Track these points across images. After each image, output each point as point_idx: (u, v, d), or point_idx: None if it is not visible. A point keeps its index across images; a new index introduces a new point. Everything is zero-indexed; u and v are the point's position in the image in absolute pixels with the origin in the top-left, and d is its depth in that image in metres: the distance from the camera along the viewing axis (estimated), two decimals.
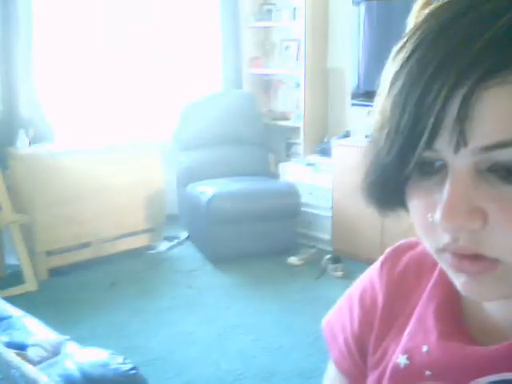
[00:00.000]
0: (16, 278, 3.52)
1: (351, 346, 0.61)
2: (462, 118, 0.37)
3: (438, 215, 0.40)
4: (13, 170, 3.62)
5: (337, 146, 3.97)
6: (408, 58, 0.40)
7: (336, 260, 3.79)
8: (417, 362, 0.50)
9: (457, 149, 0.38)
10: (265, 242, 4.00)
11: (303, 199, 4.11)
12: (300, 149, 4.62)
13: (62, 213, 3.68)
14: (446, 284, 0.51)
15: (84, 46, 4.20)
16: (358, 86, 4.05)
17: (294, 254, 3.92)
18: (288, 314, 3.22)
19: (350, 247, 3.97)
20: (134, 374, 1.75)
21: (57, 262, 3.75)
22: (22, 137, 3.68)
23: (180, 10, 4.62)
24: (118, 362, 1.76)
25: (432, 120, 0.38)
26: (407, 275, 0.58)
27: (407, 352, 0.52)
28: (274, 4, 4.81)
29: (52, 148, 3.75)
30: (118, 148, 3.97)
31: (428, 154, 0.40)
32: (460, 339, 0.49)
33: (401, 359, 0.52)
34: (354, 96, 4.09)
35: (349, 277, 3.68)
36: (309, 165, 4.30)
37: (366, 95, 4.02)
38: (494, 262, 0.40)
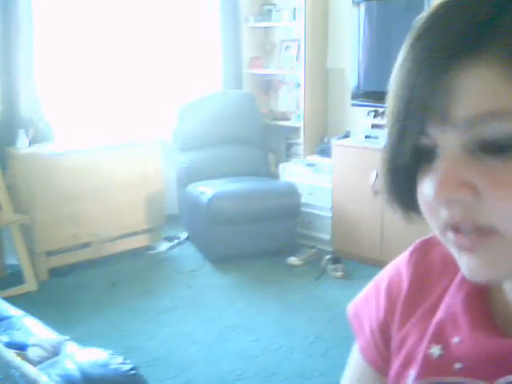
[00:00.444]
0: (16, 278, 3.52)
1: (376, 335, 0.62)
2: (445, 98, 0.41)
3: (431, 191, 0.44)
4: (13, 170, 3.62)
5: (337, 146, 3.97)
6: (403, 56, 0.45)
7: (336, 260, 3.79)
8: (448, 354, 0.51)
9: (443, 127, 0.42)
10: (265, 242, 4.00)
11: (303, 199, 4.11)
12: (300, 149, 4.62)
13: (62, 213, 3.68)
14: None
15: (84, 45, 4.20)
16: (358, 86, 4.05)
17: (293, 254, 3.92)
18: (288, 314, 3.22)
19: (350, 247, 3.97)
20: (133, 374, 1.75)
21: (57, 262, 3.75)
22: (22, 137, 3.68)
23: (180, 10, 4.62)
24: (118, 362, 1.76)
25: (420, 104, 0.42)
26: (433, 268, 0.60)
27: (440, 342, 0.52)
28: (274, 4, 4.81)
29: (52, 148, 3.76)
30: (118, 148, 3.97)
31: (424, 141, 0.44)
32: (490, 331, 0.49)
33: (434, 349, 0.52)
34: (354, 96, 4.09)
35: (349, 277, 3.68)
36: (309, 165, 4.30)
37: (366, 95, 4.02)
38: (491, 231, 0.43)
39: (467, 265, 0.45)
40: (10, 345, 1.77)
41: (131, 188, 3.99)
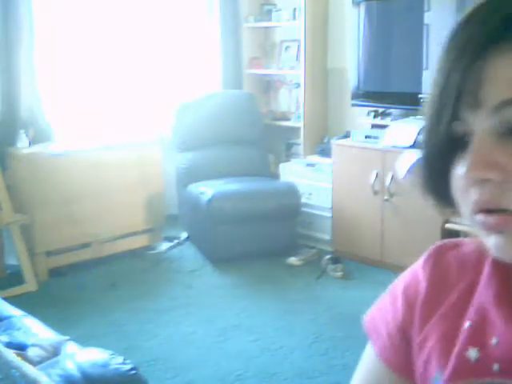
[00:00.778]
0: (16, 278, 3.52)
1: (395, 337, 0.62)
2: (477, 85, 0.45)
3: (463, 171, 0.47)
4: (13, 170, 3.62)
5: (337, 146, 3.97)
6: (444, 48, 0.49)
7: (336, 260, 3.79)
8: (486, 356, 0.51)
9: (474, 111, 0.46)
10: (265, 242, 4.00)
11: (303, 199, 4.11)
12: (300, 149, 4.62)
13: (62, 213, 3.68)
14: (501, 274, 0.54)
15: (84, 45, 4.20)
16: (358, 86, 4.05)
17: (293, 255, 3.92)
18: (288, 315, 3.22)
19: (350, 247, 3.97)
20: (133, 374, 1.75)
21: (57, 262, 3.75)
22: (22, 137, 3.68)
23: (180, 10, 4.63)
24: (118, 363, 1.76)
25: (454, 90, 0.46)
26: (450, 270, 0.61)
27: (477, 344, 0.52)
28: (274, 4, 4.81)
29: (52, 148, 3.76)
30: (118, 148, 3.97)
31: (457, 127, 0.47)
32: None
33: (471, 352, 0.52)
34: (354, 96, 4.09)
35: (349, 277, 3.68)
36: (309, 165, 4.30)
37: (366, 95, 4.02)
38: None
39: (495, 244, 0.47)
40: (9, 345, 1.77)
41: (131, 188, 3.99)
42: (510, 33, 0.44)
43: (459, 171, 0.48)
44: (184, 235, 4.39)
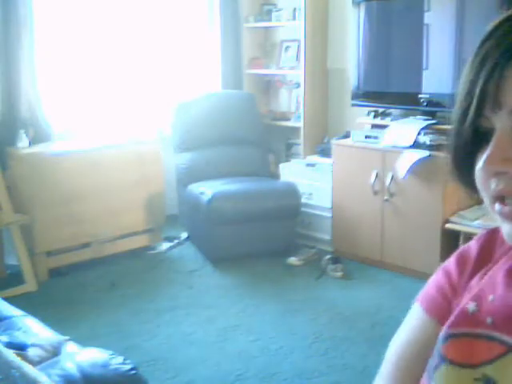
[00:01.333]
0: (16, 278, 3.52)
1: (447, 293, 0.67)
2: (499, 88, 0.51)
3: (481, 163, 0.53)
4: (13, 170, 3.62)
5: (337, 146, 3.97)
6: (474, 53, 0.55)
7: (336, 260, 3.79)
8: (482, 310, 0.58)
9: (496, 112, 0.52)
10: (265, 242, 4.00)
11: (303, 199, 4.11)
12: (300, 149, 4.62)
13: (62, 213, 3.68)
14: None
15: (84, 45, 4.20)
16: (358, 86, 4.05)
17: (293, 255, 3.92)
18: (288, 315, 3.22)
19: (350, 247, 3.97)
20: (133, 374, 1.75)
21: (57, 262, 3.76)
22: (22, 137, 3.68)
23: (180, 10, 4.63)
24: (118, 363, 1.76)
25: (478, 92, 0.53)
26: (495, 246, 0.67)
27: (477, 300, 0.60)
28: (274, 4, 4.81)
29: (52, 148, 3.76)
30: (118, 148, 3.97)
31: (482, 123, 0.54)
32: None
33: (470, 305, 0.60)
34: (354, 96, 4.09)
35: (349, 277, 3.68)
36: (309, 165, 4.30)
37: (365, 95, 4.02)
38: None
39: (508, 231, 0.54)
40: (9, 345, 1.77)
41: (131, 188, 3.99)
42: None
43: (480, 164, 0.53)
44: (184, 235, 4.39)
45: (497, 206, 0.54)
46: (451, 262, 0.70)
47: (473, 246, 0.70)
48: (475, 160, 0.55)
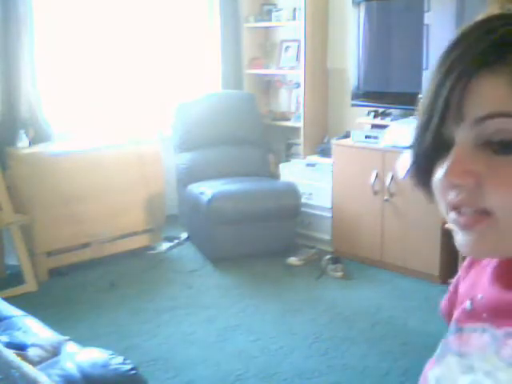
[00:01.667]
0: (16, 278, 3.52)
1: (453, 296, 0.71)
2: (463, 99, 0.51)
3: (441, 174, 0.53)
4: (13, 170, 3.62)
5: (337, 146, 3.97)
6: (438, 61, 0.55)
7: (336, 260, 3.79)
8: (476, 307, 0.62)
9: (459, 122, 0.51)
10: (265, 242, 4.00)
11: (303, 199, 4.11)
12: (300, 149, 4.62)
13: (62, 213, 3.68)
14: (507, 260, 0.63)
15: (84, 46, 4.20)
16: (358, 86, 4.05)
17: (293, 255, 3.92)
18: (288, 315, 3.22)
19: (350, 247, 3.97)
20: (133, 374, 1.76)
21: (57, 262, 3.75)
22: (22, 137, 3.68)
23: (180, 10, 4.63)
24: (118, 363, 1.76)
25: (442, 102, 0.52)
26: None
27: (471, 299, 0.63)
28: (274, 4, 4.81)
29: (52, 148, 3.76)
30: (118, 148, 3.97)
31: (444, 133, 0.53)
32: (504, 288, 0.59)
33: (467, 304, 0.63)
34: (354, 96, 4.09)
35: (349, 277, 3.68)
36: (309, 165, 4.30)
37: (365, 95, 4.02)
38: (488, 215, 0.51)
39: (463, 240, 0.54)
40: (9, 345, 1.77)
41: (131, 188, 3.99)
42: (495, 58, 0.50)
43: (439, 173, 0.54)
44: (184, 235, 4.39)
45: (452, 214, 0.54)
46: (466, 261, 0.72)
47: None
48: (435, 167, 0.55)
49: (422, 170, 0.57)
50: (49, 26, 4.00)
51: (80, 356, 1.78)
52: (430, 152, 0.55)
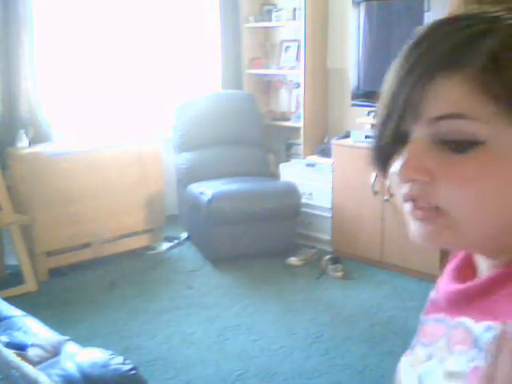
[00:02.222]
0: (16, 278, 3.52)
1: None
2: (422, 99, 0.53)
3: (397, 168, 0.55)
4: (13, 170, 3.62)
5: (337, 146, 3.97)
6: (399, 60, 0.57)
7: (336, 260, 3.79)
8: (438, 298, 0.65)
9: (415, 121, 0.54)
10: (265, 243, 4.00)
11: (303, 199, 4.11)
12: (300, 149, 4.62)
13: (62, 213, 3.68)
14: (465, 256, 0.66)
15: (84, 46, 4.20)
16: (358, 86, 4.05)
17: (293, 255, 3.92)
18: (288, 315, 3.22)
19: (350, 247, 3.97)
20: (133, 374, 1.76)
21: (57, 262, 3.75)
22: (22, 137, 3.68)
23: (180, 10, 4.63)
24: (118, 363, 1.76)
25: (403, 99, 0.54)
26: None
27: (435, 289, 0.68)
28: (274, 4, 4.81)
29: (52, 148, 3.76)
30: (118, 148, 3.97)
31: (402, 128, 0.55)
32: (456, 280, 0.62)
33: (432, 295, 0.68)
34: (354, 96, 4.09)
35: (349, 277, 3.68)
36: (309, 165, 4.30)
37: (366, 95, 4.02)
38: (440, 209, 0.54)
39: (416, 231, 0.57)
40: (9, 345, 1.77)
41: (131, 188, 3.99)
42: (452, 60, 0.52)
43: (395, 167, 0.56)
44: (184, 235, 4.39)
45: (407, 205, 0.57)
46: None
47: None
48: (392, 159, 0.58)
49: (381, 161, 0.60)
50: (49, 26, 3.99)
51: (80, 356, 1.78)
52: (388, 146, 0.57)
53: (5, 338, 1.89)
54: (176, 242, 4.31)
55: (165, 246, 4.23)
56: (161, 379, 2.60)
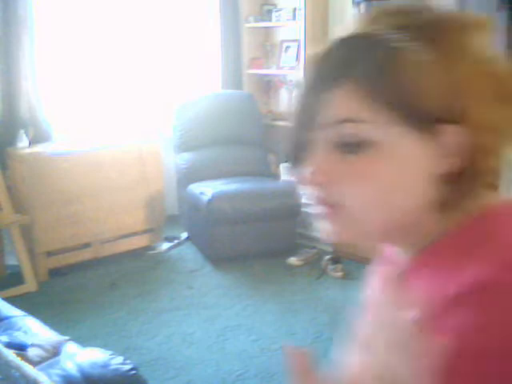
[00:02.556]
0: (16, 278, 3.52)
1: None
2: (318, 109, 0.61)
3: (301, 173, 0.63)
4: (13, 170, 3.61)
5: None
6: (304, 78, 0.65)
7: (336, 260, 3.79)
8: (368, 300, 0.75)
9: (315, 128, 0.61)
10: (265, 243, 4.00)
11: (303, 199, 4.11)
12: None
13: (62, 213, 3.68)
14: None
15: (84, 46, 4.20)
16: None
17: (293, 255, 3.92)
18: (288, 315, 3.22)
19: (350, 247, 3.96)
20: (133, 374, 1.76)
21: (57, 262, 3.75)
22: (22, 137, 3.68)
23: (180, 11, 4.63)
24: (118, 363, 1.76)
25: (305, 110, 0.62)
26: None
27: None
28: (274, 4, 4.81)
29: (52, 148, 3.75)
30: (118, 148, 3.97)
31: (308, 136, 0.62)
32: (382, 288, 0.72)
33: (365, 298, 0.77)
34: None
35: (349, 277, 3.68)
36: None
37: None
38: (342, 207, 0.61)
39: (324, 229, 0.64)
40: (9, 345, 1.77)
41: (131, 188, 3.99)
42: (341, 78, 0.59)
43: (300, 172, 0.63)
44: (184, 235, 4.39)
45: (315, 207, 0.63)
46: None
47: None
48: (301, 163, 0.64)
49: (293, 162, 0.67)
50: (49, 27, 3.99)
51: (80, 356, 1.78)
52: (297, 151, 0.65)
53: (5, 338, 1.89)
54: (176, 242, 4.31)
55: (165, 246, 4.23)
56: (161, 379, 2.61)
